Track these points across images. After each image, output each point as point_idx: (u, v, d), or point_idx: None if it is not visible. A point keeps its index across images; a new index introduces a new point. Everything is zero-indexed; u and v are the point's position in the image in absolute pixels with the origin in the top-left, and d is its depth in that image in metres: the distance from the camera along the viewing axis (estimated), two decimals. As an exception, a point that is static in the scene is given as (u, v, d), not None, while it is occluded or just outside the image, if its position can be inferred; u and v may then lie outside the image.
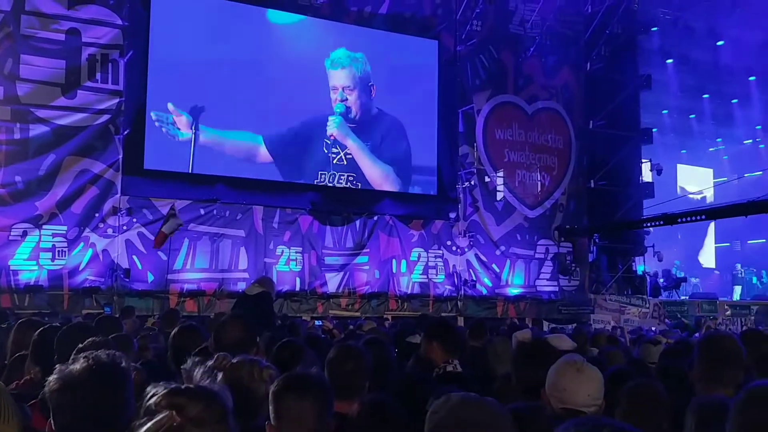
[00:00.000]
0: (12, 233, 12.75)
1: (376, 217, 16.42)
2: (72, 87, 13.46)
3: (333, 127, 16.07)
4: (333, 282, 15.74)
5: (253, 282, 9.15)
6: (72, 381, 2.25)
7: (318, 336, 7.14)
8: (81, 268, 13.30)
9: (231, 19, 15.10)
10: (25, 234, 12.83)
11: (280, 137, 15.56)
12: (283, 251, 15.33)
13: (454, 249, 17.30)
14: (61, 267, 13.09)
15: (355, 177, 16.30)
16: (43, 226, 13.00)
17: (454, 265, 17.21)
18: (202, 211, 14.59)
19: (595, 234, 19.13)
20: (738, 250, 27.94)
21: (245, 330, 3.99)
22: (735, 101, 24.51)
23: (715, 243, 29.21)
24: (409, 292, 16.53)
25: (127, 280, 13.59)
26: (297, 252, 15.46)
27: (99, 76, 13.75)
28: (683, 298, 21.38)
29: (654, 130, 20.91)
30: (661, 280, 21.65)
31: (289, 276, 15.30)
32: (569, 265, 18.53)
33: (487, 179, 17.62)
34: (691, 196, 25.66)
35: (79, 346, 3.30)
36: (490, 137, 17.96)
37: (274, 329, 6.98)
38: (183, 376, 1.80)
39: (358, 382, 3.42)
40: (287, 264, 15.33)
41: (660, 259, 19.71)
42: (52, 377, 2.29)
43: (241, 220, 14.97)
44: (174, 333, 4.52)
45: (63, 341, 3.81)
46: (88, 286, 13.29)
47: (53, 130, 13.21)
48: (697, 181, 28.45)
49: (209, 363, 2.99)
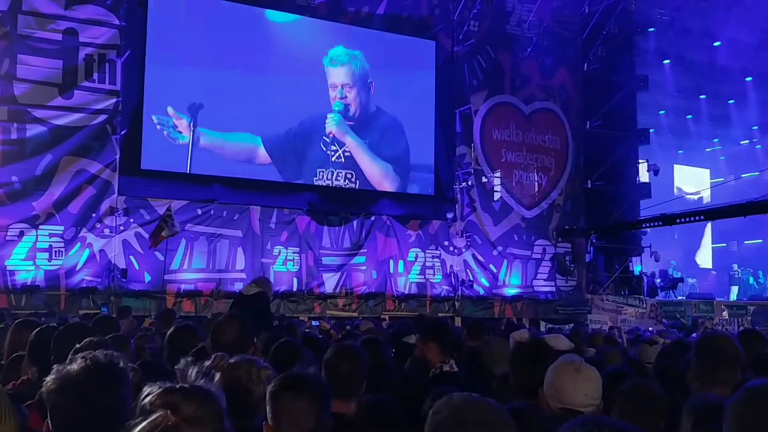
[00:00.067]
0: (8, 233, 12.72)
1: (373, 218, 16.41)
2: (69, 87, 13.44)
3: (332, 125, 16.07)
4: (330, 282, 15.73)
5: (250, 282, 9.13)
6: (69, 381, 2.24)
7: (315, 336, 7.13)
8: (78, 268, 13.28)
9: (228, 18, 15.08)
10: (21, 234, 12.81)
11: (278, 137, 15.55)
12: (280, 251, 15.32)
13: (452, 249, 17.29)
14: (57, 267, 13.08)
15: (354, 175, 16.29)
16: (40, 226, 12.98)
17: (452, 266, 17.21)
18: (200, 212, 14.58)
19: (592, 234, 19.14)
20: (735, 250, 27.93)
21: (242, 330, 3.99)
22: (732, 102, 24.51)
23: (712, 243, 29.23)
24: (406, 292, 16.52)
25: (124, 280, 13.57)
26: (294, 252, 15.46)
27: (96, 76, 13.73)
28: (680, 298, 21.39)
29: (651, 130, 20.93)
30: (658, 281, 21.65)
31: (287, 276, 15.29)
32: (568, 265, 18.54)
33: (484, 179, 17.63)
34: (688, 197, 25.68)
35: (77, 346, 3.30)
36: (488, 137, 17.97)
37: (271, 329, 6.98)
38: (177, 376, 1.80)
39: (355, 382, 3.43)
40: (284, 264, 15.33)
41: (657, 260, 19.70)
42: (49, 377, 2.29)
43: (239, 221, 14.96)
44: (170, 333, 4.53)
45: (60, 341, 3.81)
46: (85, 286, 13.27)
47: (50, 130, 13.19)
48: (693, 181, 28.46)
49: (207, 363, 2.99)
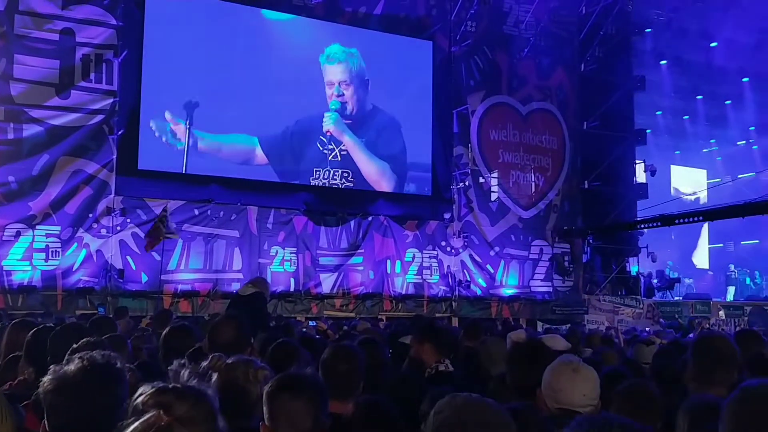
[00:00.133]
0: (5, 233, 12.70)
1: (370, 218, 16.40)
2: (66, 87, 13.43)
3: (329, 123, 16.06)
4: (327, 283, 15.72)
5: (246, 282, 9.13)
6: (66, 381, 2.24)
7: (312, 336, 7.13)
8: (75, 268, 13.26)
9: (225, 18, 15.07)
10: (18, 234, 12.79)
11: (275, 137, 15.55)
12: (277, 252, 15.30)
13: (449, 249, 17.29)
14: (54, 267, 13.05)
15: (351, 173, 16.29)
16: (37, 227, 12.96)
17: (449, 266, 17.20)
18: (196, 212, 14.56)
19: (589, 235, 19.15)
20: (731, 250, 27.96)
21: (239, 330, 3.99)
22: (728, 102, 24.56)
23: (709, 244, 29.25)
24: (403, 292, 16.51)
25: (120, 280, 13.56)
26: (291, 252, 15.44)
27: (93, 76, 13.71)
28: (677, 298, 21.41)
29: (648, 131, 20.93)
30: (655, 281, 21.66)
31: (284, 276, 15.28)
32: (567, 265, 18.56)
33: (481, 180, 17.63)
34: (685, 197, 25.71)
35: (74, 346, 3.29)
36: (485, 138, 17.97)
37: (268, 330, 6.97)
38: (170, 376, 1.80)
39: (352, 382, 3.42)
40: (281, 264, 15.32)
41: (654, 260, 19.72)
42: (46, 378, 2.28)
43: (236, 221, 14.94)
44: (165, 333, 4.52)
45: (57, 342, 3.80)
46: (81, 286, 13.25)
47: (47, 130, 13.18)
48: (690, 182, 28.51)
49: (204, 364, 2.99)
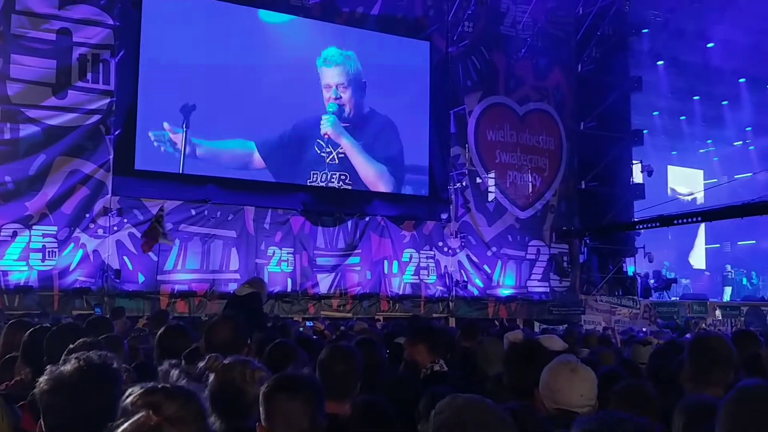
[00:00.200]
0: (2, 234, 12.68)
1: (367, 218, 16.39)
2: (63, 87, 13.40)
3: (327, 126, 16.05)
4: (324, 283, 15.71)
5: (243, 283, 9.12)
6: (63, 382, 2.23)
7: (308, 336, 7.13)
8: (71, 268, 13.24)
9: (222, 19, 15.05)
10: (15, 234, 12.77)
11: (272, 141, 15.53)
12: (274, 252, 15.30)
13: (446, 250, 17.29)
14: (51, 268, 13.03)
15: (348, 176, 16.28)
16: (33, 227, 12.94)
17: (446, 266, 17.21)
18: (193, 212, 14.54)
19: (586, 235, 19.17)
20: (728, 251, 28.01)
21: (236, 331, 3.98)
22: (725, 103, 24.61)
23: (706, 244, 29.30)
24: (400, 293, 16.51)
25: (117, 280, 13.54)
26: (288, 253, 15.44)
27: (90, 76, 13.70)
28: (674, 299, 21.45)
29: (645, 131, 20.98)
30: (652, 281, 21.69)
31: (281, 277, 15.27)
32: (566, 266, 18.57)
33: (478, 180, 17.63)
34: (682, 198, 25.73)
35: (70, 347, 3.29)
36: (482, 138, 17.98)
37: (265, 330, 6.97)
38: (159, 377, 1.81)
39: (349, 382, 3.41)
40: (278, 265, 15.30)
41: (651, 260, 19.75)
42: (42, 378, 2.27)
43: (233, 221, 14.93)
44: (160, 333, 4.49)
45: (53, 342, 3.79)
46: (78, 286, 13.23)
47: (44, 130, 13.15)
48: (687, 182, 28.55)
49: (201, 364, 2.99)
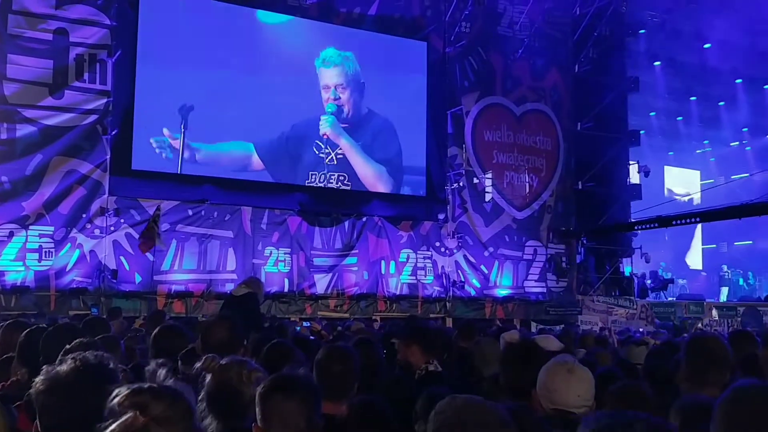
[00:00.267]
0: (-2, 234, 12.68)
1: (364, 218, 16.38)
2: (59, 87, 13.38)
3: (326, 126, 16.03)
4: (321, 283, 15.70)
5: (240, 283, 9.12)
6: (59, 382, 2.23)
7: (305, 337, 7.13)
8: (68, 268, 13.22)
9: (220, 19, 15.03)
10: (11, 234, 12.74)
11: (270, 142, 15.50)
12: (271, 252, 15.28)
13: (443, 250, 17.29)
14: (47, 268, 13.01)
15: (347, 177, 16.27)
16: (30, 227, 12.91)
17: (443, 267, 17.21)
18: (190, 212, 14.52)
19: (583, 236, 19.19)
20: (725, 251, 28.07)
21: (232, 331, 3.98)
22: (722, 104, 24.65)
23: (702, 244, 29.35)
24: (397, 293, 16.50)
25: (114, 281, 13.52)
26: (285, 253, 15.42)
27: (87, 76, 13.67)
28: (670, 299, 21.47)
29: (641, 132, 21.01)
30: (649, 282, 21.72)
31: (278, 277, 15.25)
32: (565, 266, 18.59)
33: (475, 180, 17.63)
34: (679, 198, 25.76)
35: (67, 347, 3.28)
36: (479, 139, 17.98)
37: (261, 330, 6.97)
38: (146, 377, 1.81)
39: (346, 383, 3.42)
40: (276, 265, 15.29)
41: (647, 261, 19.77)
42: (38, 378, 2.27)
43: (230, 221, 14.91)
44: (155, 334, 4.49)
45: (49, 342, 3.79)
46: (75, 287, 13.21)
47: (40, 130, 13.13)
48: (684, 182, 28.60)
49: (197, 365, 2.99)
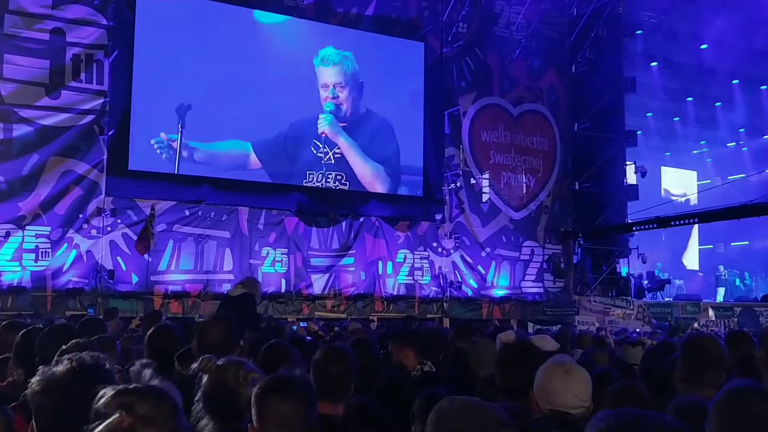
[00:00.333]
0: (-5, 234, 12.65)
1: (362, 219, 16.37)
2: (56, 87, 13.34)
3: (325, 125, 16.01)
4: (319, 283, 15.68)
5: (236, 283, 9.11)
6: (54, 383, 2.22)
7: (301, 337, 7.12)
8: (64, 269, 13.19)
9: (217, 19, 15.00)
10: (8, 235, 12.71)
11: (268, 142, 15.47)
12: (268, 252, 15.26)
13: (440, 250, 17.28)
14: (44, 268, 12.98)
15: (345, 176, 16.24)
16: (27, 227, 12.88)
17: (440, 267, 17.19)
18: (187, 212, 14.50)
19: (579, 236, 19.20)
20: (721, 252, 28.12)
21: (228, 331, 3.98)
22: (718, 104, 24.68)
23: (699, 245, 29.40)
24: (394, 293, 16.49)
25: (111, 281, 13.49)
26: (282, 253, 15.41)
27: (83, 76, 13.63)
28: (667, 299, 21.48)
29: (638, 132, 21.00)
30: (645, 282, 21.73)
31: (275, 277, 15.24)
32: (564, 267, 18.60)
33: (472, 181, 17.64)
34: (676, 199, 25.80)
35: (63, 347, 3.27)
36: (476, 139, 17.98)
37: (258, 330, 6.97)
38: (131, 377, 1.81)
39: (343, 384, 3.41)
40: (273, 265, 15.28)
41: (644, 261, 19.78)
42: (34, 379, 2.26)
43: (227, 222, 14.90)
44: (149, 334, 4.48)
45: (45, 343, 3.78)
46: (71, 287, 13.17)
47: (37, 131, 13.09)
48: (680, 183, 28.65)
49: (194, 365, 2.99)
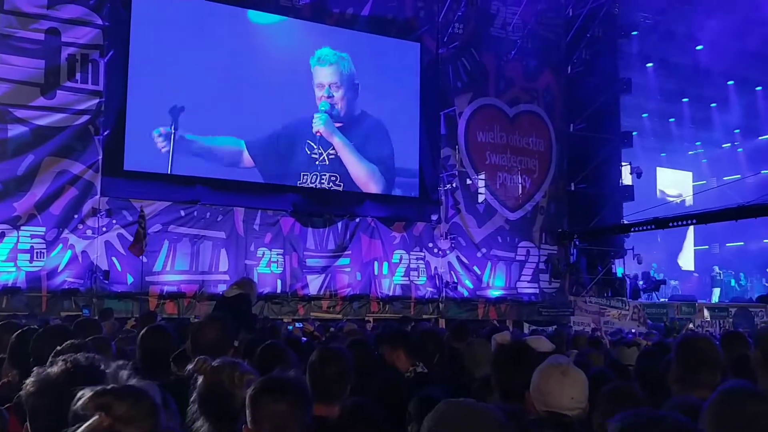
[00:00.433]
0: (-10, 234, 12.61)
1: (357, 219, 16.37)
2: (51, 87, 13.32)
3: (319, 124, 16.01)
4: (314, 284, 15.68)
5: (232, 284, 9.10)
6: (49, 384, 2.21)
7: (297, 338, 7.12)
8: (60, 269, 13.16)
9: (212, 19, 14.99)
10: (3, 235, 12.69)
11: (262, 141, 15.48)
12: (264, 253, 15.25)
13: (436, 251, 17.29)
14: (39, 269, 12.95)
15: (339, 177, 16.24)
16: (22, 227, 12.86)
17: (436, 267, 17.20)
18: (183, 213, 14.49)
19: (575, 237, 19.21)
20: (717, 252, 28.19)
21: (222, 332, 3.96)
22: (714, 105, 24.75)
23: (694, 246, 29.46)
24: (390, 294, 16.49)
25: (106, 281, 13.47)
26: (278, 254, 15.40)
27: (79, 76, 13.62)
28: (662, 300, 21.52)
29: (634, 133, 21.04)
30: (641, 283, 21.78)
31: (270, 278, 15.23)
32: (562, 268, 18.61)
33: (468, 181, 17.64)
34: (671, 200, 25.84)
35: (57, 348, 3.26)
36: (472, 140, 18.00)
37: (253, 331, 6.96)
38: (108, 378, 1.81)
39: (339, 385, 3.39)
40: (268, 266, 15.26)
41: (639, 262, 19.81)
42: (28, 380, 2.25)
43: (222, 222, 14.89)
44: (141, 335, 4.44)
45: (40, 344, 3.77)
46: (66, 287, 13.15)
47: (32, 131, 13.07)
48: (676, 184, 28.70)
49: (189, 366, 2.98)
